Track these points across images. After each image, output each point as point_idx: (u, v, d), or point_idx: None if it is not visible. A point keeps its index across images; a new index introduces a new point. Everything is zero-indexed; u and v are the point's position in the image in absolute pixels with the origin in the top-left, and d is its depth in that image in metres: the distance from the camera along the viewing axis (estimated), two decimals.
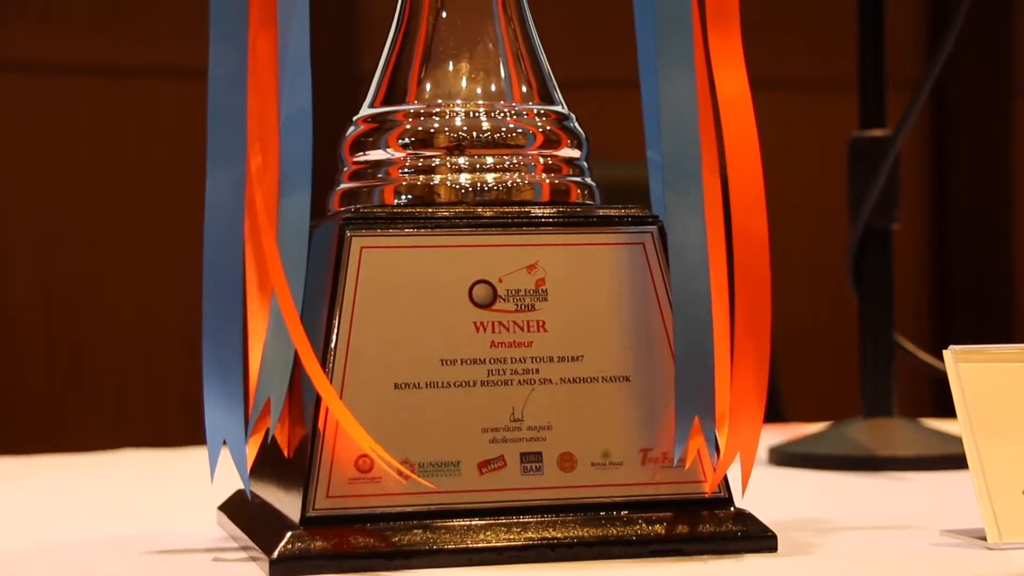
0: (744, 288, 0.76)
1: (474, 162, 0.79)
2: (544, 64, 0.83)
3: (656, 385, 0.76)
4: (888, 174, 1.16)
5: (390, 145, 0.80)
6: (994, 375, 0.74)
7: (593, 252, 0.76)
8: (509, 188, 0.79)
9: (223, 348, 0.73)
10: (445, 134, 0.79)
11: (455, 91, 0.81)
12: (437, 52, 0.81)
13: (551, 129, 0.81)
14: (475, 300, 0.75)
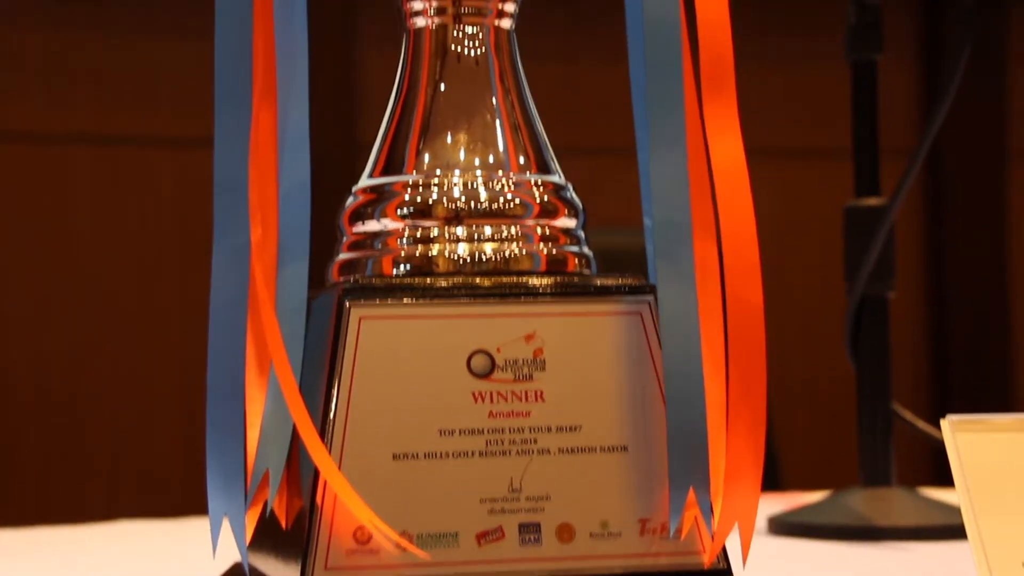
0: (739, 356, 0.76)
1: (472, 232, 0.79)
2: (541, 134, 0.84)
3: (654, 455, 0.76)
4: (884, 242, 1.16)
5: (388, 215, 0.80)
6: (993, 445, 0.74)
7: (591, 322, 0.77)
8: (507, 258, 0.79)
9: (226, 421, 0.73)
10: (443, 204, 0.80)
11: (453, 162, 0.81)
12: (435, 123, 0.82)
13: (548, 199, 0.82)
14: (473, 370, 0.75)
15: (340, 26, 2.72)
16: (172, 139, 2.65)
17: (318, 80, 0.85)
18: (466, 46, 0.83)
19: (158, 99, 2.67)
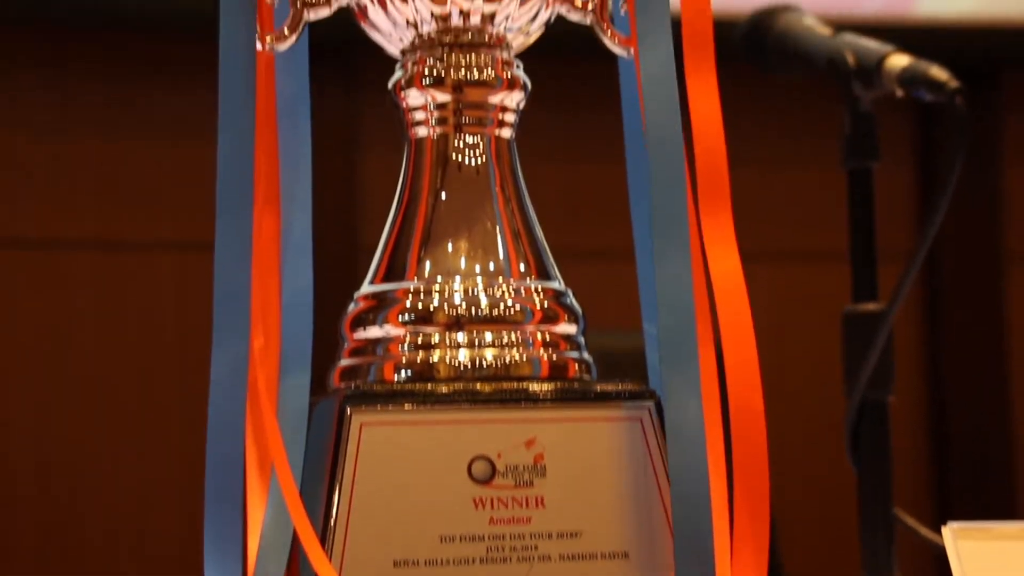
0: (742, 461, 0.76)
1: (473, 338, 0.80)
2: (541, 241, 0.85)
3: (655, 560, 0.75)
4: (882, 347, 1.17)
5: (390, 322, 0.81)
6: (995, 553, 0.74)
7: (591, 428, 0.77)
8: (508, 364, 0.80)
9: (224, 527, 0.73)
10: (444, 311, 0.80)
11: (454, 269, 0.82)
12: (436, 231, 0.83)
13: (549, 305, 0.82)
14: (474, 476, 0.75)
15: (342, 131, 2.75)
16: (174, 243, 2.67)
17: (320, 184, 0.86)
18: (467, 155, 0.84)
19: (160, 203, 2.69)
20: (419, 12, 0.83)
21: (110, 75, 2.64)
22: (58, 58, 2.61)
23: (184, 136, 2.66)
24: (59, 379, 2.66)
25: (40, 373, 2.65)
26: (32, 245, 2.67)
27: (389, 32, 0.85)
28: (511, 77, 0.84)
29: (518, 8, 0.83)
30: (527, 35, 0.86)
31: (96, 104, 2.65)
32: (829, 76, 1.21)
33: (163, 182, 2.71)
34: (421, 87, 0.83)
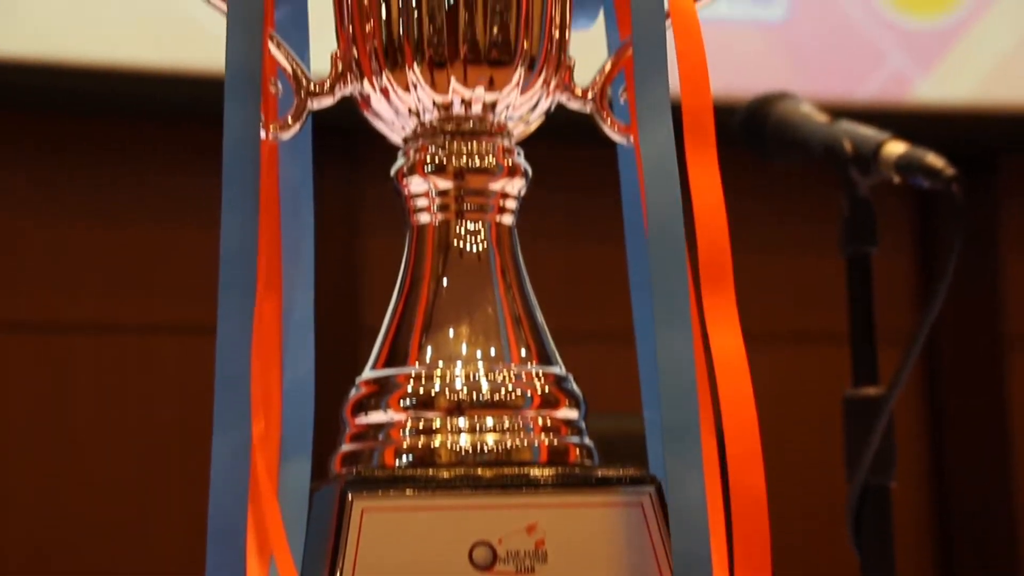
0: (743, 545, 0.76)
1: (474, 424, 0.80)
2: (542, 325, 0.85)
3: None
4: (883, 432, 1.17)
5: (391, 407, 0.81)
6: None
7: (592, 513, 0.77)
8: (509, 449, 0.80)
9: None
10: (445, 396, 0.81)
11: (455, 354, 0.82)
12: (438, 317, 0.83)
13: (550, 390, 0.82)
14: (475, 562, 0.75)
15: (345, 214, 2.76)
16: (174, 326, 2.67)
17: (322, 267, 0.87)
18: (468, 242, 0.84)
19: (161, 286, 2.70)
20: (421, 101, 0.84)
21: (111, 159, 2.66)
22: (58, 142, 2.63)
23: (185, 219, 2.67)
24: (58, 463, 2.65)
25: (39, 457, 2.64)
26: (32, 329, 2.67)
27: (392, 121, 0.86)
28: (512, 164, 0.85)
29: (519, 97, 0.84)
30: (528, 123, 0.87)
31: (97, 187, 2.66)
32: (827, 163, 1.22)
33: (164, 265, 2.72)
34: (423, 174, 0.84)
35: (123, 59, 2.47)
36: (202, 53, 2.36)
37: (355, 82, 0.85)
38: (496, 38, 0.82)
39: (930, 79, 2.79)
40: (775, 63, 2.72)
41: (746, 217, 1.50)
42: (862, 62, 2.75)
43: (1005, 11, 2.81)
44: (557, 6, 0.85)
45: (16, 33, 2.41)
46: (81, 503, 2.65)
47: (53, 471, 2.65)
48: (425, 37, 0.82)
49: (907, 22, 2.77)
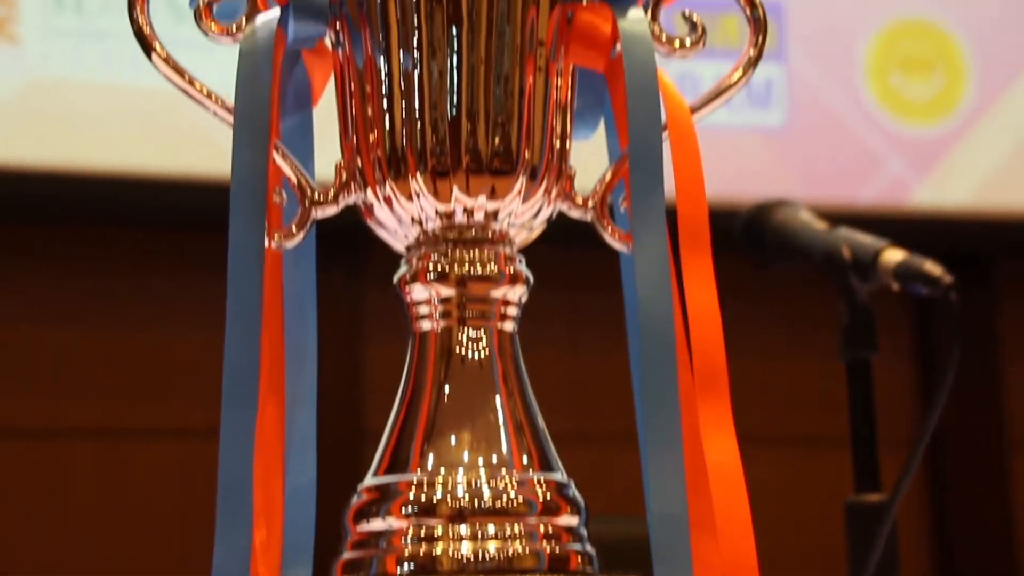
0: None
1: (476, 531, 0.80)
2: (543, 432, 0.85)
3: None
4: (887, 539, 1.17)
5: (393, 514, 0.81)
6: None
7: None
8: (510, 557, 0.80)
9: None
10: (447, 503, 0.81)
11: (457, 461, 0.82)
12: (440, 424, 0.83)
13: (551, 498, 0.82)
14: None
15: (347, 319, 2.77)
16: (177, 430, 2.67)
17: (324, 370, 0.87)
18: (470, 349, 0.85)
19: (164, 391, 2.70)
20: (424, 210, 0.85)
21: (114, 264, 2.68)
22: (60, 248, 2.65)
23: (188, 324, 2.68)
24: (60, 567, 2.63)
25: (41, 562, 2.63)
26: (34, 435, 2.67)
27: (395, 229, 0.86)
28: (514, 272, 0.86)
29: (520, 206, 0.85)
30: (530, 231, 0.88)
31: (100, 293, 2.67)
32: (826, 270, 1.23)
33: (167, 369, 2.72)
34: (425, 282, 0.85)
35: (127, 166, 2.49)
36: (207, 160, 2.38)
37: (359, 191, 0.86)
38: (498, 148, 0.84)
39: (928, 185, 2.81)
40: (774, 168, 2.75)
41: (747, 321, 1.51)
42: (860, 168, 2.78)
43: (1001, 118, 2.84)
44: (558, 117, 0.86)
45: (22, 143, 2.44)
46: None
47: (54, 574, 2.63)
48: (428, 147, 0.83)
49: (905, 128, 2.80)
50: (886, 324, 1.23)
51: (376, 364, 2.78)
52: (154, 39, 0.84)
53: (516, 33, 0.83)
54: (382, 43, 0.84)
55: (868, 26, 2.79)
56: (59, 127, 2.45)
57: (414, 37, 0.83)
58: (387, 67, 0.84)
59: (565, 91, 0.86)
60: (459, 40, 0.83)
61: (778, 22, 2.70)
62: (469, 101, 0.83)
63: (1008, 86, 2.84)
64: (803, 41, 2.74)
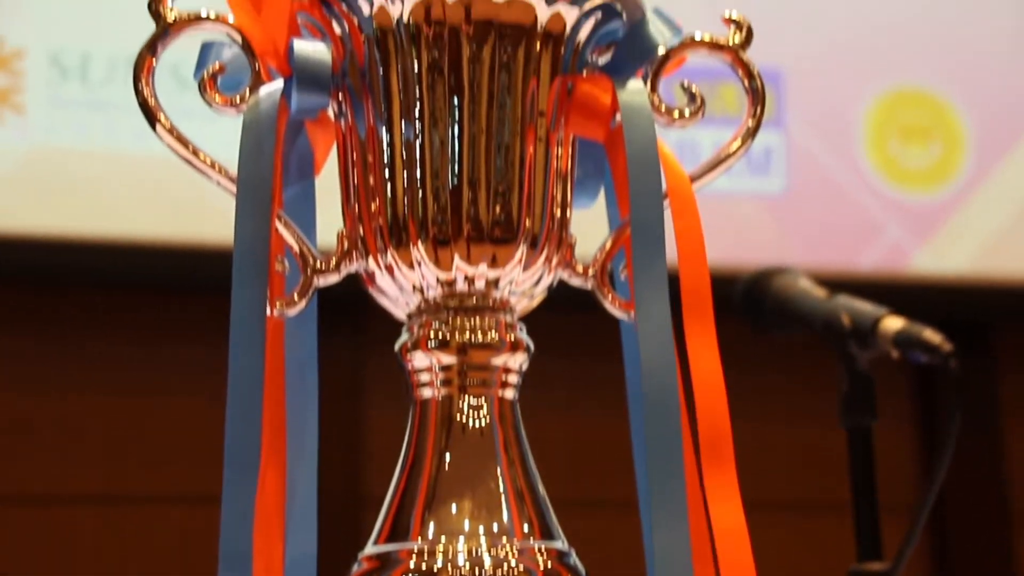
0: None
1: None
2: (544, 500, 0.85)
3: None
4: None
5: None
6: None
7: None
8: None
9: None
10: (448, 572, 0.80)
11: (458, 529, 0.82)
12: (441, 492, 0.83)
13: (552, 566, 0.82)
14: None
15: (348, 384, 2.77)
16: (178, 497, 2.66)
17: (325, 435, 0.87)
18: (471, 417, 0.85)
19: (165, 457, 2.69)
20: (425, 278, 0.85)
21: (116, 331, 2.68)
22: (64, 315, 2.65)
23: (190, 391, 2.68)
24: None
25: None
26: (36, 502, 2.66)
27: (396, 297, 0.87)
28: (515, 339, 0.86)
29: (521, 274, 0.86)
30: (530, 299, 0.88)
31: (102, 359, 2.67)
32: (826, 338, 1.23)
33: (168, 436, 2.72)
34: (427, 350, 0.85)
35: (130, 233, 2.50)
36: (209, 227, 2.39)
37: (360, 259, 0.86)
38: (499, 217, 0.84)
39: (928, 251, 2.82)
40: (773, 234, 2.76)
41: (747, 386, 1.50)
42: (860, 234, 2.79)
43: (1000, 185, 2.85)
44: (559, 185, 0.87)
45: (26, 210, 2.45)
46: None
47: None
48: (430, 216, 0.84)
49: (903, 195, 2.81)
50: (887, 389, 1.24)
51: (377, 430, 2.78)
52: (158, 110, 0.84)
53: (517, 104, 0.84)
54: (384, 113, 0.85)
55: (866, 94, 2.81)
56: (63, 195, 2.46)
57: (416, 107, 0.84)
58: (389, 136, 0.85)
59: (566, 160, 0.87)
60: (460, 110, 0.84)
61: (776, 89, 2.72)
62: (470, 170, 0.84)
63: (1007, 153, 2.86)
64: (802, 108, 2.76)
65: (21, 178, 2.44)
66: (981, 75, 2.83)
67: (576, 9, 0.85)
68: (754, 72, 0.88)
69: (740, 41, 0.88)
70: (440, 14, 0.83)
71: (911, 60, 2.80)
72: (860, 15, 2.77)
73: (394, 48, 0.84)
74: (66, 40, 2.42)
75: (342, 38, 0.85)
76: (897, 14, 2.78)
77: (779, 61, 2.73)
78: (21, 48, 2.38)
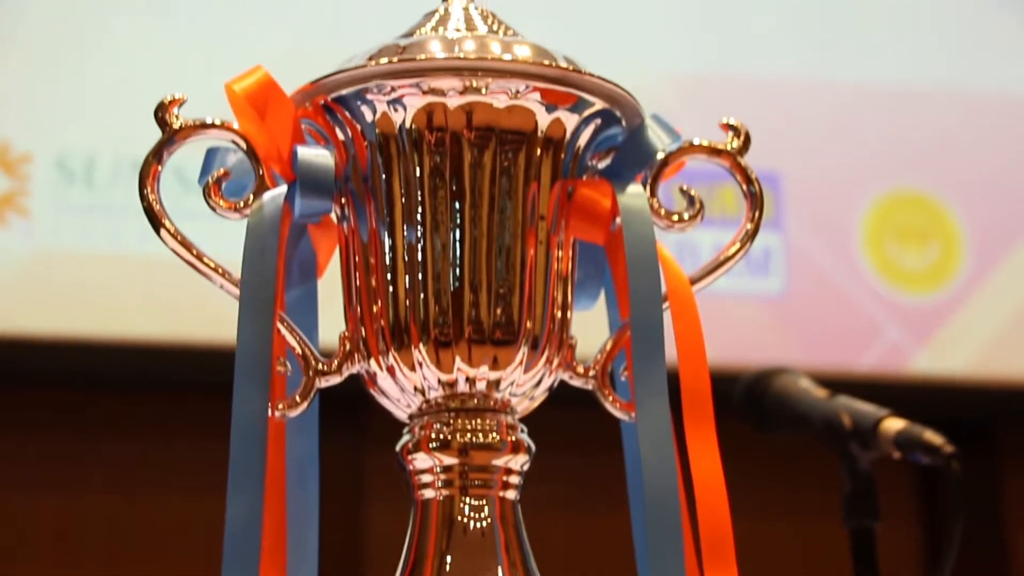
0: None
1: None
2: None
3: None
4: None
5: None
6: None
7: None
8: None
9: None
10: None
11: None
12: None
13: None
14: None
15: (349, 483, 2.76)
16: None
17: (325, 533, 0.87)
18: (472, 518, 0.85)
19: (165, 556, 2.68)
20: (427, 379, 0.85)
21: (119, 431, 2.68)
22: (65, 415, 2.65)
23: (191, 490, 2.67)
24: None
25: None
26: None
27: (397, 398, 0.87)
28: (516, 440, 0.86)
29: (522, 375, 0.86)
30: (531, 399, 0.89)
31: (103, 458, 2.67)
32: (827, 439, 1.23)
33: (169, 534, 2.70)
34: (428, 451, 0.85)
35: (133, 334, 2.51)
36: (211, 327, 2.39)
37: (362, 361, 0.87)
38: (500, 319, 0.85)
39: (927, 352, 2.83)
40: (773, 335, 2.76)
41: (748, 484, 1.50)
42: (859, 335, 2.79)
43: (999, 286, 2.86)
44: (559, 288, 0.87)
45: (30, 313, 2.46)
46: None
47: None
48: (431, 318, 0.85)
49: (902, 297, 2.82)
50: (889, 488, 1.23)
51: (378, 529, 2.77)
52: (163, 216, 0.85)
53: (518, 208, 0.85)
54: (387, 217, 0.85)
55: (863, 196, 2.83)
56: (67, 297, 2.47)
57: (418, 211, 0.85)
58: (391, 240, 0.85)
59: (566, 263, 0.88)
60: (462, 214, 0.85)
61: (775, 191, 2.74)
62: (472, 273, 0.85)
63: (1005, 255, 2.87)
64: (800, 210, 2.78)
65: (24, 281, 2.45)
66: (976, 177, 2.85)
67: (576, 115, 0.86)
68: (752, 177, 0.89)
69: (738, 146, 0.89)
70: (442, 120, 0.84)
71: (908, 163, 2.83)
72: (857, 118, 2.80)
73: (396, 153, 0.85)
74: (72, 144, 2.44)
75: (345, 144, 0.87)
76: (894, 118, 2.81)
77: (777, 163, 2.75)
78: (27, 152, 2.41)
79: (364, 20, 2.44)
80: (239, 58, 2.30)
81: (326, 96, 0.86)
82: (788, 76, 2.77)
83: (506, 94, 0.84)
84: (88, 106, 2.46)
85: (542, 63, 0.85)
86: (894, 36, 2.82)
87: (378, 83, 0.84)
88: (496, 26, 0.89)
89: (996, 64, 2.85)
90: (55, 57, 2.44)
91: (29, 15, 2.44)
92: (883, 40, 2.82)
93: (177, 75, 2.38)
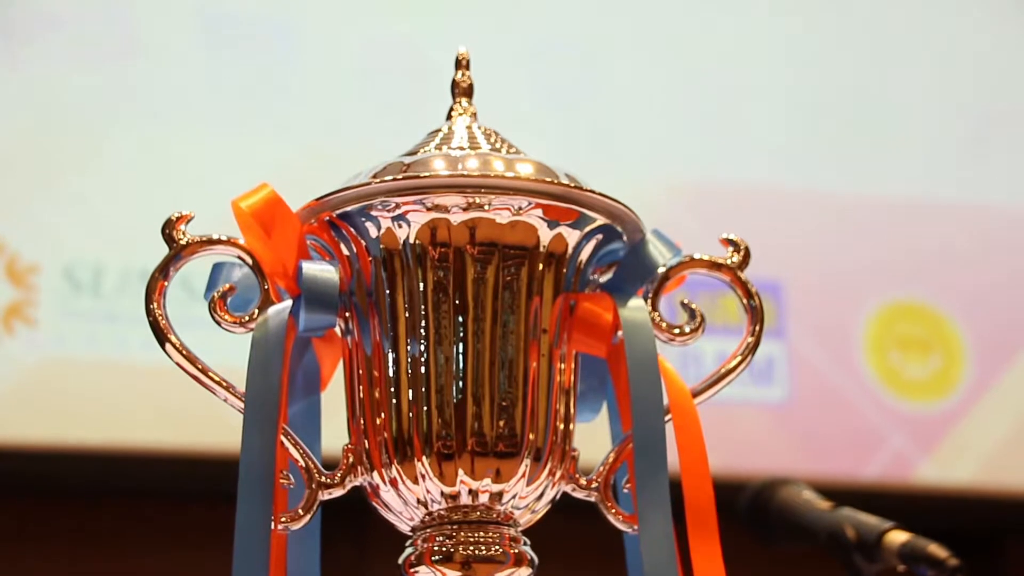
0: None
1: None
2: None
3: None
4: None
5: None
6: None
7: None
8: None
9: None
10: None
11: None
12: None
13: None
14: None
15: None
16: None
17: None
18: None
19: None
20: (429, 492, 0.85)
21: (120, 541, 2.67)
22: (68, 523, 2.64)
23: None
24: None
25: None
26: None
27: (400, 510, 0.87)
28: (519, 553, 0.86)
29: (525, 487, 0.86)
30: (534, 512, 0.89)
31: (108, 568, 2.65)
32: (830, 550, 1.22)
33: None
34: (431, 564, 0.85)
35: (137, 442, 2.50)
36: (215, 436, 2.39)
37: (365, 473, 0.87)
38: (502, 431, 0.85)
39: (932, 462, 2.82)
40: (777, 443, 2.76)
41: None
42: (863, 443, 2.78)
43: (1003, 396, 2.86)
44: (562, 400, 0.88)
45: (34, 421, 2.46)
46: None
47: None
48: (434, 430, 0.85)
49: (906, 406, 2.82)
50: None
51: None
52: (169, 331, 0.86)
53: (520, 321, 0.86)
54: (390, 330, 0.86)
55: (865, 306, 2.84)
56: (71, 405, 2.47)
57: (422, 325, 0.85)
58: (395, 353, 0.86)
59: (568, 375, 0.88)
60: (465, 328, 0.85)
61: (777, 301, 2.75)
62: (475, 386, 0.85)
63: (1008, 364, 2.87)
64: (802, 319, 2.79)
65: (29, 389, 2.45)
66: (977, 287, 2.86)
67: (578, 231, 0.87)
68: (752, 291, 0.90)
69: (738, 261, 0.90)
70: (445, 236, 0.85)
71: (909, 273, 2.84)
72: (859, 228, 2.82)
73: (400, 268, 0.86)
74: (79, 254, 2.46)
75: (350, 259, 0.88)
76: (895, 228, 2.83)
77: (779, 273, 2.77)
78: (35, 263, 2.42)
79: (365, 124, 2.47)
80: (244, 164, 2.32)
81: (331, 212, 0.87)
82: (790, 186, 2.80)
83: (509, 210, 0.85)
84: (96, 216, 2.48)
85: (544, 180, 0.86)
86: (897, 149, 2.85)
87: (383, 200, 0.85)
88: (499, 143, 0.90)
89: (997, 178, 2.88)
90: (62, 168, 2.47)
91: (38, 125, 2.47)
92: (886, 152, 2.84)
93: (184, 182, 2.39)
